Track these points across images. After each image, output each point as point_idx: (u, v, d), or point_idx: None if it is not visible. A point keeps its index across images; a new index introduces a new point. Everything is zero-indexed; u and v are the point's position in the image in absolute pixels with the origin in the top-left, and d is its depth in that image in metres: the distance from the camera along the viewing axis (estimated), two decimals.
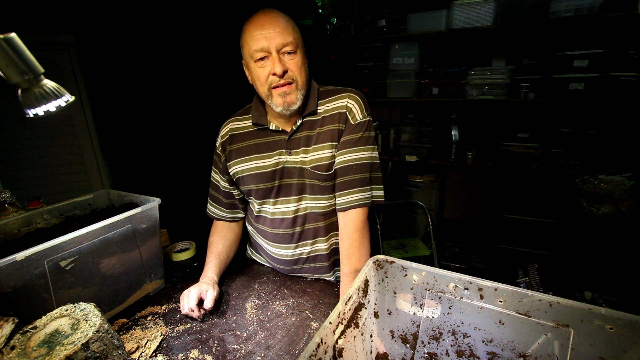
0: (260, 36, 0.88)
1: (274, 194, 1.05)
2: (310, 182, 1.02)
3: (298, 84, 0.93)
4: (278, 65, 0.89)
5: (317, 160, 0.99)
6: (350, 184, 0.98)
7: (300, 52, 0.93)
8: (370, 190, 1.00)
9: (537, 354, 0.57)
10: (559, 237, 2.30)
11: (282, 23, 0.90)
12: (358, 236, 0.98)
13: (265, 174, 1.02)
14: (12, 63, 0.75)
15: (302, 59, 0.93)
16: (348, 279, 0.96)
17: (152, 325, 0.92)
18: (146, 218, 1.02)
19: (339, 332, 0.58)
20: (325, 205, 1.05)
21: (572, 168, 2.25)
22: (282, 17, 0.91)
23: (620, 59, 2.05)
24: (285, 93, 0.92)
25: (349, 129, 0.99)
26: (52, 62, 2.57)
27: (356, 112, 0.99)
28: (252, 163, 1.03)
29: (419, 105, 2.89)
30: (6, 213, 1.17)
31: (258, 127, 1.03)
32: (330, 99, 1.02)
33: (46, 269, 0.78)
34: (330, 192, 1.03)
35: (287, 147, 1.01)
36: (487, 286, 0.60)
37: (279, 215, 1.07)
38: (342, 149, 0.99)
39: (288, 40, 0.89)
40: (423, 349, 0.68)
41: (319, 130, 1.00)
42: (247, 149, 1.04)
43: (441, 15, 2.42)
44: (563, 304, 0.54)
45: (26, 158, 2.63)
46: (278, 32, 0.88)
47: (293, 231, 1.07)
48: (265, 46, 0.88)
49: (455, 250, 2.77)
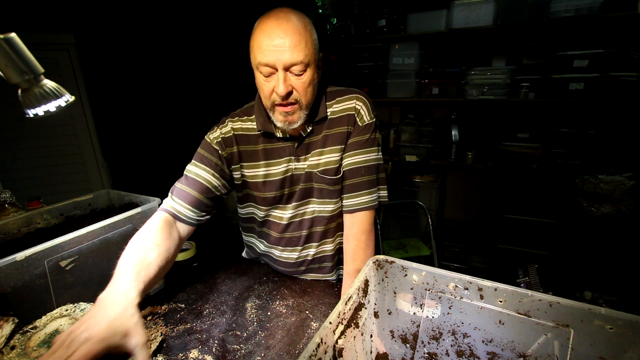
0: (268, 49, 0.79)
1: (284, 201, 1.02)
2: (318, 186, 1.00)
3: (302, 104, 0.86)
4: (282, 85, 0.81)
5: (325, 164, 0.97)
6: (358, 186, 0.97)
7: (310, 68, 0.84)
8: (377, 192, 1.00)
9: (537, 354, 0.57)
10: (559, 237, 2.30)
11: (295, 37, 0.79)
12: (365, 238, 0.97)
13: (275, 182, 0.99)
14: (12, 63, 0.75)
15: (311, 76, 0.84)
16: (351, 278, 0.95)
17: (152, 325, 0.92)
18: (146, 218, 1.01)
19: (339, 332, 0.58)
20: (333, 209, 1.03)
21: (572, 168, 2.25)
22: (297, 26, 0.80)
23: (620, 59, 2.05)
24: (288, 113, 0.86)
25: (357, 131, 0.97)
26: (52, 62, 2.57)
27: (364, 113, 0.97)
28: (261, 170, 0.98)
29: (419, 105, 2.89)
30: (6, 213, 1.17)
31: (263, 133, 0.97)
32: (338, 100, 0.99)
33: (46, 269, 0.78)
34: (337, 195, 1.02)
35: (296, 154, 0.97)
36: (487, 286, 0.60)
37: (285, 220, 1.05)
38: (350, 150, 0.97)
39: (298, 60, 0.80)
40: (423, 349, 0.68)
41: (327, 133, 0.97)
42: (254, 155, 0.98)
43: (441, 15, 2.42)
44: (563, 304, 0.54)
45: (26, 158, 2.63)
46: (288, 47, 0.78)
47: (300, 234, 1.06)
48: (271, 62, 0.80)
49: (455, 250, 2.77)
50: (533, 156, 2.38)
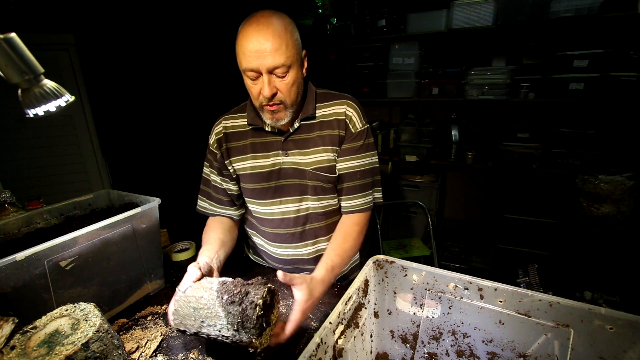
0: (250, 54, 0.83)
1: (271, 194, 1.05)
2: (312, 184, 1.03)
3: (287, 104, 0.92)
4: (267, 88, 0.86)
5: (318, 162, 1.01)
6: (354, 189, 1.03)
7: (293, 69, 0.88)
8: (371, 194, 1.05)
9: (537, 354, 0.57)
10: (559, 237, 2.30)
11: (275, 40, 0.82)
12: (358, 229, 1.02)
13: (262, 174, 1.03)
14: (12, 63, 0.75)
15: (294, 76, 0.89)
16: (335, 253, 0.95)
17: (152, 325, 0.92)
18: (146, 218, 1.02)
19: (339, 332, 0.58)
20: (327, 205, 1.07)
21: (572, 168, 2.25)
22: (277, 29, 0.83)
23: (620, 59, 2.05)
24: (274, 112, 0.92)
25: (350, 138, 1.01)
26: (52, 62, 2.57)
27: (356, 120, 1.01)
28: (248, 162, 1.04)
29: (419, 105, 2.89)
30: (6, 213, 1.17)
31: (253, 127, 1.04)
32: (328, 104, 1.03)
33: (46, 269, 0.78)
34: (332, 192, 1.06)
35: (284, 149, 1.02)
36: (487, 286, 0.60)
37: (278, 216, 1.07)
38: (345, 155, 1.01)
39: (279, 62, 0.84)
40: (423, 349, 0.68)
41: (319, 134, 1.01)
42: (243, 148, 1.05)
43: (441, 15, 2.42)
44: (563, 304, 0.54)
45: (26, 158, 2.63)
46: (269, 52, 0.82)
47: (294, 231, 1.08)
48: (255, 66, 0.84)
49: (455, 250, 2.76)
50: (533, 156, 2.38)
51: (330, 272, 0.89)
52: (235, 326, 0.65)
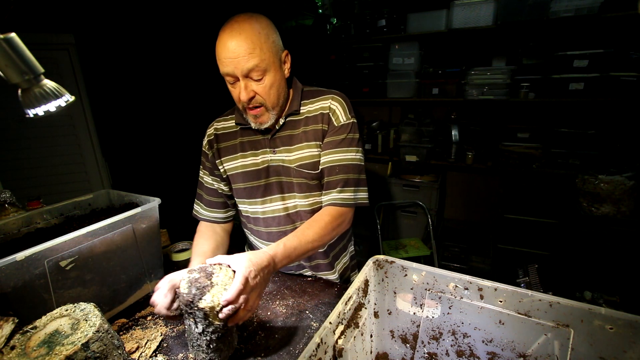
0: (225, 60, 0.85)
1: (261, 192, 1.06)
2: (298, 181, 1.03)
3: (267, 105, 0.93)
4: (244, 92, 0.88)
5: (301, 159, 1.01)
6: (333, 184, 0.99)
7: (270, 72, 0.88)
8: (353, 192, 0.99)
9: (537, 354, 0.57)
10: (559, 237, 2.30)
11: (248, 44, 0.83)
12: (327, 220, 0.95)
13: (251, 173, 1.04)
14: (12, 63, 0.75)
15: (271, 79, 0.89)
16: (289, 236, 0.89)
17: (152, 325, 0.92)
18: (146, 218, 1.02)
19: (339, 332, 0.58)
20: (314, 203, 1.06)
21: (572, 168, 2.25)
22: (250, 34, 0.84)
23: (620, 59, 2.05)
24: (257, 116, 0.94)
25: (332, 131, 1.00)
26: (52, 62, 2.57)
27: (340, 114, 1.00)
28: (238, 162, 1.05)
29: (419, 105, 2.89)
30: (6, 213, 1.17)
31: (241, 127, 1.05)
32: (314, 100, 1.02)
33: (46, 269, 0.78)
34: (317, 189, 1.05)
35: (271, 146, 1.02)
36: (487, 286, 0.60)
37: (269, 214, 1.08)
38: (326, 149, 1.00)
39: (253, 65, 0.84)
40: (423, 349, 0.68)
41: (304, 130, 1.01)
42: (232, 148, 1.06)
43: (441, 15, 2.42)
44: (563, 304, 0.54)
45: (26, 158, 2.63)
46: (243, 56, 0.83)
47: (285, 229, 1.08)
48: (230, 71, 0.86)
49: (455, 250, 2.76)
50: (533, 156, 2.38)
51: (281, 247, 0.83)
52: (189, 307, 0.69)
